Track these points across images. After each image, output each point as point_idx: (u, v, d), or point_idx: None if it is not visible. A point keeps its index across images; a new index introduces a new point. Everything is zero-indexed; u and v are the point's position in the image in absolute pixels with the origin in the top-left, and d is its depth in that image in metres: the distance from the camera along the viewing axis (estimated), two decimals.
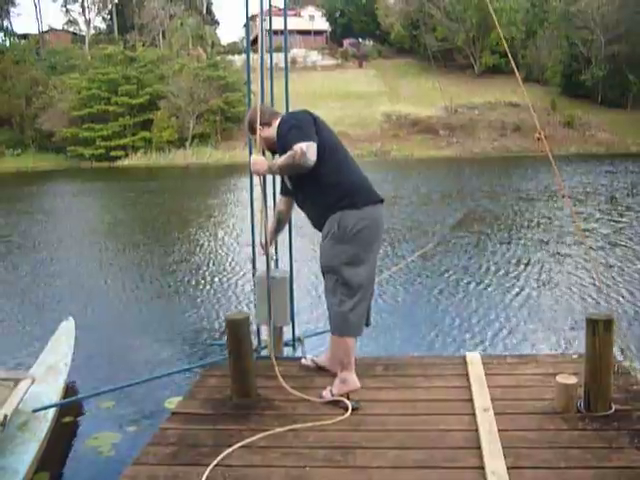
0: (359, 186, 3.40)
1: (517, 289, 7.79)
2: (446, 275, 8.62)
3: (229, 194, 22.10)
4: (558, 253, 9.93)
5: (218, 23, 72.74)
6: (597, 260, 8.87)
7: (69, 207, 20.29)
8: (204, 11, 66.66)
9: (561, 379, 3.14)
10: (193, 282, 8.81)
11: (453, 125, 43.45)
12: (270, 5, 3.98)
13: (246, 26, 4.29)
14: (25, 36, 63.57)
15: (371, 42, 61.52)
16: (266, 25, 4.04)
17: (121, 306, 7.81)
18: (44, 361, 4.75)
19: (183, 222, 15.27)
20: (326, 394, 3.41)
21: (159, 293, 8.38)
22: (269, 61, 3.91)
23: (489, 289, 7.86)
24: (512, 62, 4.60)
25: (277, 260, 4.21)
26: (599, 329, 3.06)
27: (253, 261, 4.14)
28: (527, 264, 9.19)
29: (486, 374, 3.64)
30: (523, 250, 10.28)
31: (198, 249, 11.54)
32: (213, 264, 10.06)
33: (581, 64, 46.84)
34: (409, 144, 41.54)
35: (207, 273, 9.35)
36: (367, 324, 3.57)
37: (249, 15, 4.09)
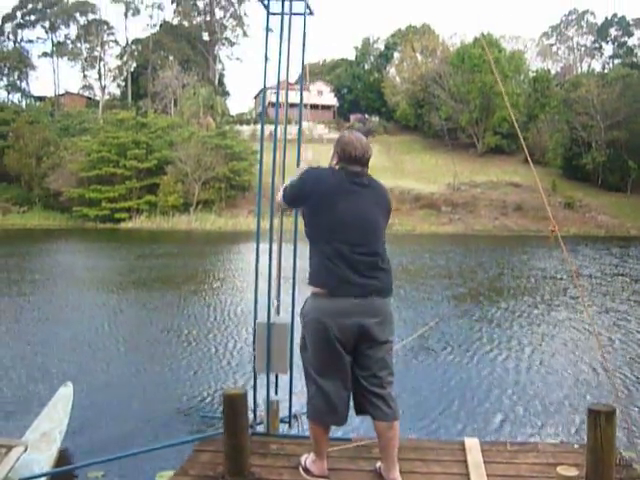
0: (331, 273, 3.15)
1: (518, 369, 7.69)
2: (444, 355, 8.53)
3: (231, 260, 22.16)
4: (563, 336, 9.86)
5: (229, 94, 75.06)
6: (604, 346, 8.81)
7: (72, 266, 20.33)
8: (216, 82, 68.80)
9: (562, 471, 3.07)
10: (189, 348, 8.73)
11: (455, 202, 44.03)
12: (287, 79, 4.11)
13: (262, 97, 4.42)
14: (42, 98, 65.63)
15: (377, 118, 63.17)
16: (280, 98, 4.15)
17: (120, 369, 7.72)
18: (38, 427, 4.66)
19: (182, 286, 15.25)
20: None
21: (155, 357, 8.29)
22: (282, 132, 4.02)
23: (489, 368, 7.76)
24: (521, 139, 4.77)
25: (279, 307, 4.13)
26: (601, 420, 3.01)
27: (255, 308, 4.12)
28: (529, 344, 9.12)
29: (485, 461, 3.56)
30: (525, 329, 10.22)
31: (197, 316, 11.48)
32: (210, 332, 9.99)
33: (581, 148, 47.92)
34: (411, 219, 41.95)
35: (204, 340, 9.28)
36: (360, 412, 3.37)
37: (263, 87, 4.22)
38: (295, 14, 3.87)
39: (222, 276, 17.71)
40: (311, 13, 3.93)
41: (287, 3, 3.82)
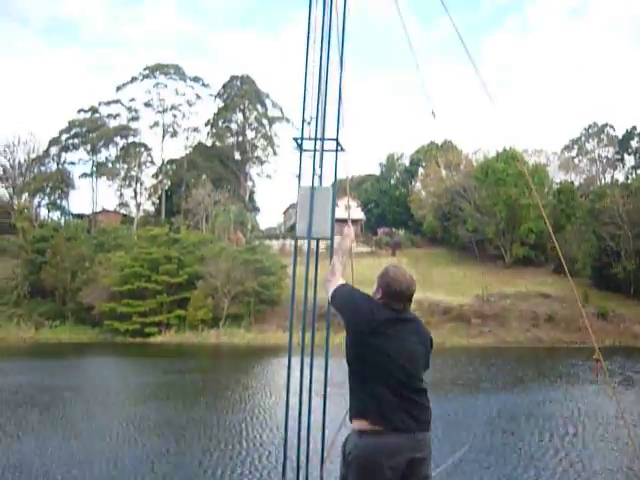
0: (381, 410, 3.16)
1: None
2: None
3: (261, 378, 21.96)
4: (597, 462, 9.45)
5: (259, 210, 77.17)
6: None
7: (103, 380, 20.33)
8: (247, 198, 71.08)
9: None
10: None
11: (485, 314, 43.49)
12: (320, 179, 4.28)
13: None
14: (80, 215, 68.36)
15: (403, 231, 64.01)
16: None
17: None
18: None
19: (211, 406, 15.09)
20: None
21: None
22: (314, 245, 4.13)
23: None
24: (556, 247, 4.83)
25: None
26: None
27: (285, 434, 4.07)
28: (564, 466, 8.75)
29: None
30: (563, 451, 9.83)
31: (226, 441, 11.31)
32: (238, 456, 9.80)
33: (611, 257, 47.60)
34: (441, 332, 41.32)
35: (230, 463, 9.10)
36: None
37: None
38: (327, 151, 4.16)
39: (251, 392, 17.53)
40: (342, 149, 4.22)
41: (319, 141, 4.12)
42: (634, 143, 71.40)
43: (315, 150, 4.14)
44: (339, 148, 4.17)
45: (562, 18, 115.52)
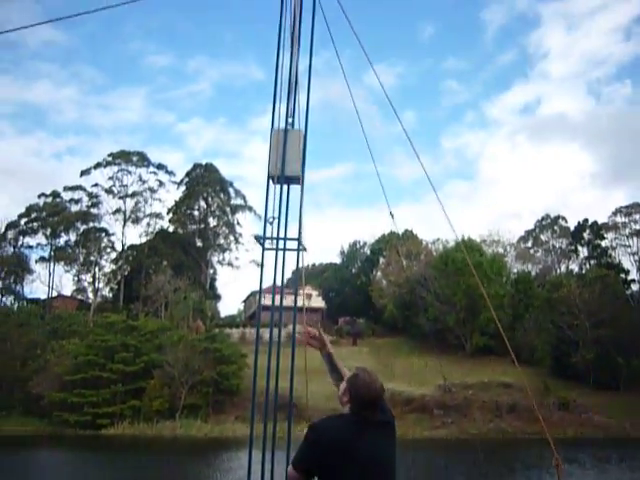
0: None
1: None
2: None
3: (220, 475, 21.08)
4: None
5: (219, 297, 76.41)
6: None
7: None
8: (207, 285, 70.50)
9: None
10: None
11: (447, 404, 43.08)
12: (282, 280, 4.32)
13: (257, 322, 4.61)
14: (34, 300, 66.59)
15: (364, 320, 63.94)
16: (271, 301, 4.30)
17: None
18: None
19: None
20: None
21: None
22: (276, 335, 4.12)
23: None
24: (507, 343, 4.86)
25: None
26: None
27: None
28: None
29: None
30: None
31: None
32: None
33: (569, 346, 48.16)
34: (403, 423, 40.58)
35: None
36: None
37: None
38: (289, 250, 4.22)
39: None
40: (304, 249, 4.29)
41: (281, 242, 4.19)
42: (586, 235, 73.98)
43: (277, 249, 4.20)
44: (301, 247, 4.24)
45: (515, 116, 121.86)
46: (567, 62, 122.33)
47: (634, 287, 65.05)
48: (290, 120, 4.36)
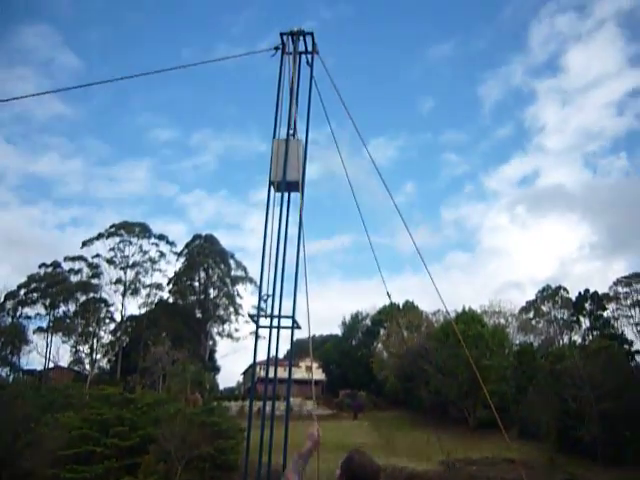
0: None
1: None
2: None
3: None
4: None
5: (218, 369, 75.38)
6: None
7: None
8: (206, 357, 69.70)
9: None
10: None
11: None
12: (276, 356, 4.32)
13: (251, 386, 4.58)
14: (30, 372, 65.65)
15: (365, 393, 62.78)
16: (270, 373, 4.28)
17: None
18: None
19: None
20: None
21: None
22: (270, 410, 4.07)
23: None
24: (499, 421, 4.78)
25: None
26: None
27: None
28: None
29: None
30: None
31: None
32: None
33: (574, 420, 47.00)
34: None
35: None
36: None
37: (251, 364, 4.41)
38: (283, 327, 4.26)
39: None
40: (298, 327, 4.32)
41: (275, 320, 4.23)
42: (587, 305, 73.68)
43: (271, 327, 4.24)
44: (295, 325, 4.27)
45: (513, 188, 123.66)
46: (563, 136, 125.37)
47: (638, 358, 64.18)
48: (291, 131, 4.45)
